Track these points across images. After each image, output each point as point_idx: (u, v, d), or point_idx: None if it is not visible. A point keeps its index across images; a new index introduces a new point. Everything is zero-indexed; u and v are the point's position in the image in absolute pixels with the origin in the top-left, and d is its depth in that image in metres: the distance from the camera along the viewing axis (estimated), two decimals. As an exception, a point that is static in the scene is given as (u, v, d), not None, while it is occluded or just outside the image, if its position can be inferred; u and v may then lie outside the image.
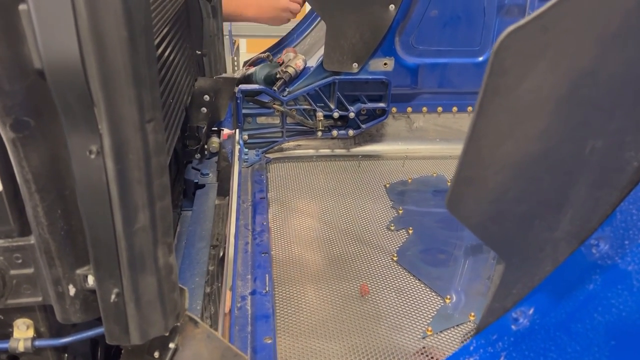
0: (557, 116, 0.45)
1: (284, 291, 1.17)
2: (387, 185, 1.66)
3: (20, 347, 0.66)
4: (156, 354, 0.73)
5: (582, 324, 0.50)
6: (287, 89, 1.74)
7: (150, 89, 0.54)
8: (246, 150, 1.78)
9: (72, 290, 0.62)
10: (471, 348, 0.60)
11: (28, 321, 0.67)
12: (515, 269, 0.55)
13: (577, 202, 0.50)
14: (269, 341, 1.00)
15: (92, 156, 0.53)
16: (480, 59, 1.81)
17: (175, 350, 0.71)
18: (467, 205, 0.48)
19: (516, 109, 0.43)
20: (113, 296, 0.60)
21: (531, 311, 0.56)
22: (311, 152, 1.85)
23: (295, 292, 1.17)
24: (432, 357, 1.01)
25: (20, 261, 0.62)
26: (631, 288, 0.46)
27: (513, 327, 0.57)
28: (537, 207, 0.50)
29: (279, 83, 1.72)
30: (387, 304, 1.14)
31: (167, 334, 0.70)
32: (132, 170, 0.55)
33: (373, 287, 1.20)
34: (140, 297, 0.61)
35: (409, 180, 1.71)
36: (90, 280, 0.62)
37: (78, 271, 0.62)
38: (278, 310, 1.11)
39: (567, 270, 0.53)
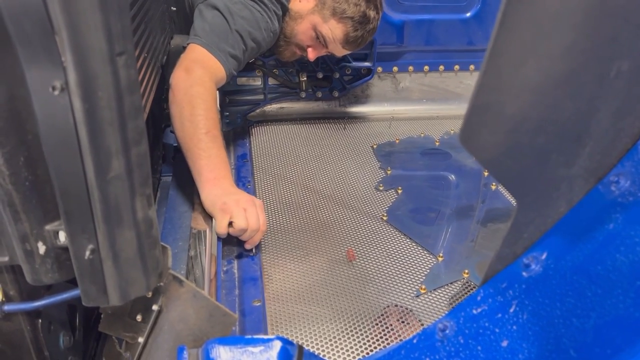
0: (584, 30, 0.40)
1: (269, 256, 1.13)
2: (375, 147, 1.62)
3: (-12, 312, 0.60)
4: (139, 317, 0.68)
5: (603, 266, 0.46)
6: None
7: (119, 16, 0.48)
8: (227, 112, 1.70)
9: (41, 248, 0.56)
10: (479, 298, 0.56)
11: (-5, 284, 0.61)
12: (527, 210, 0.51)
13: (598, 133, 0.46)
14: (258, 304, 0.96)
15: (56, 92, 0.46)
16: (468, 14, 1.75)
17: (159, 312, 0.66)
18: (482, 136, 0.43)
19: (541, 20, 0.38)
20: (87, 253, 0.54)
21: (544, 256, 0.52)
22: (295, 114, 1.79)
23: (282, 257, 1.13)
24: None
25: (-20, 217, 0.55)
26: (660, 223, 0.43)
27: (524, 274, 0.53)
28: (556, 139, 0.46)
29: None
30: (377, 266, 1.11)
31: (149, 295, 0.65)
32: (102, 110, 0.49)
33: (363, 249, 1.16)
34: (118, 254, 0.56)
35: (397, 141, 1.67)
36: (62, 236, 0.56)
37: (47, 227, 0.56)
38: (265, 275, 1.06)
39: (582, 210, 0.50)
